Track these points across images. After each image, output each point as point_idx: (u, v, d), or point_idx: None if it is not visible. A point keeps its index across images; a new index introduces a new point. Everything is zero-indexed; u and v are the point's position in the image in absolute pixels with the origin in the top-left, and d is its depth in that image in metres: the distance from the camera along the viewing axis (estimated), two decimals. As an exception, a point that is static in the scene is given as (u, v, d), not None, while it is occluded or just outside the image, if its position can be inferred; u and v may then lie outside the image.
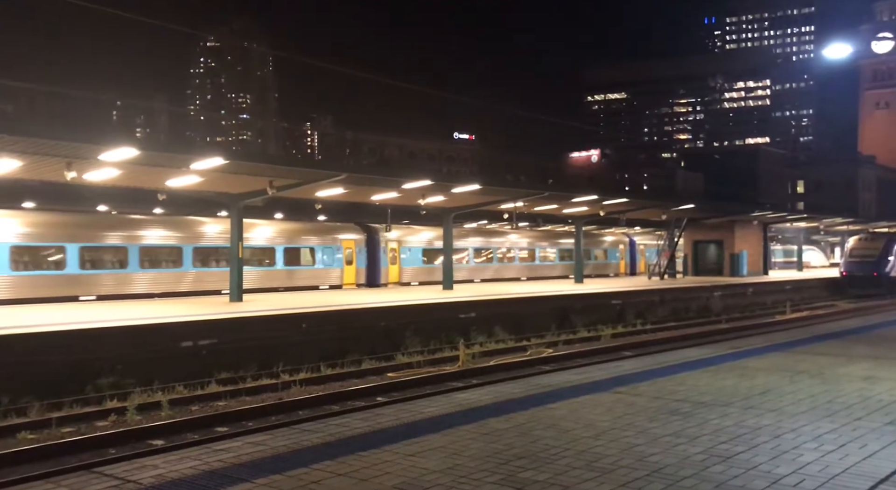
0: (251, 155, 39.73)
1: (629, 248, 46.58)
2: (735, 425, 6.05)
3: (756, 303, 33.28)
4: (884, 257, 39.24)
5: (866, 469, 4.81)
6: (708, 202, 42.64)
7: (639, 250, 47.24)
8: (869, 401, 7.06)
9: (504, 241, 38.54)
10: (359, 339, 17.86)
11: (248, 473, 4.81)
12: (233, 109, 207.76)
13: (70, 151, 15.29)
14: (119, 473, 4.86)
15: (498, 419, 6.37)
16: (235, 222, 21.78)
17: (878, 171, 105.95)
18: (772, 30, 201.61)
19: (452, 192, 24.51)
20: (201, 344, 15.17)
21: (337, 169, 21.08)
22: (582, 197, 28.76)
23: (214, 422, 11.45)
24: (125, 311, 17.68)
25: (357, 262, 30.13)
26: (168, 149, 19.37)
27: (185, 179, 19.05)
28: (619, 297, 27.15)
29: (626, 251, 46.16)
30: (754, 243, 41.99)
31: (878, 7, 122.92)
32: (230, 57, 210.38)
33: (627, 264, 46.15)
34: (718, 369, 9.15)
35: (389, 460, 5.08)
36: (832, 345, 11.66)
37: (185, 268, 24.78)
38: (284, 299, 21.84)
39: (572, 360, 17.03)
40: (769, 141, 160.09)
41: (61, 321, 14.94)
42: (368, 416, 6.63)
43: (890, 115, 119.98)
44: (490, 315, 21.63)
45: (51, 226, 22.09)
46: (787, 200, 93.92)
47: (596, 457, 5.13)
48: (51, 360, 13.01)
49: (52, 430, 10.92)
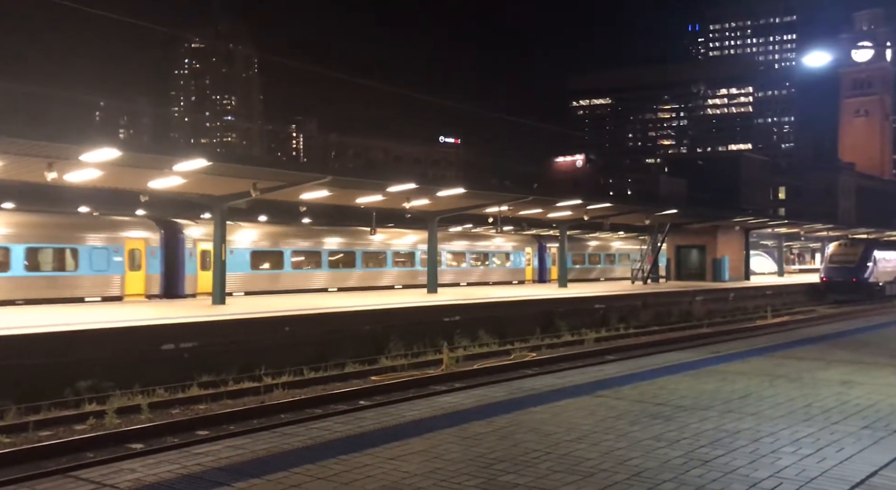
0: (235, 157, 39.57)
1: (538, 251, 41.42)
2: (715, 429, 6.10)
3: (737, 308, 33.57)
4: (863, 263, 39.74)
5: (843, 472, 4.86)
6: (690, 207, 42.91)
7: (550, 254, 41.87)
8: (846, 405, 7.14)
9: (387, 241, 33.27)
10: (341, 342, 17.79)
11: (227, 477, 4.78)
12: (217, 111, 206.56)
13: (51, 152, 15.13)
14: (96, 477, 4.81)
15: (480, 423, 6.37)
16: (219, 223, 21.64)
17: (858, 178, 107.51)
18: (754, 37, 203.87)
19: (437, 195, 24.53)
20: (183, 347, 15.04)
21: (322, 171, 21.03)
22: (566, 201, 28.91)
23: (195, 425, 11.35)
24: (107, 313, 17.50)
25: (148, 267, 24.09)
26: (151, 150, 19.28)
27: (168, 181, 18.92)
28: (603, 301, 27.28)
29: (534, 255, 41.04)
30: (736, 249, 42.38)
31: (858, 17, 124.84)
32: (215, 58, 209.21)
33: (535, 270, 41.00)
34: (699, 373, 9.22)
35: (370, 464, 5.07)
36: (811, 349, 11.78)
37: None
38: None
39: (555, 364, 17.07)
40: (751, 147, 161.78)
41: (42, 323, 14.75)
42: (350, 420, 6.60)
43: (869, 122, 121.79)
44: (474, 319, 21.64)
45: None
46: (768, 206, 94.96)
47: (577, 460, 5.14)
48: (29, 363, 12.83)
49: (30, 434, 10.78)
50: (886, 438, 5.79)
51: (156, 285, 24.31)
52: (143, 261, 24.06)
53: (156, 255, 24.39)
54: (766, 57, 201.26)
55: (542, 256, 41.66)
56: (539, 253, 41.59)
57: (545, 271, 41.84)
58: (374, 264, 32.17)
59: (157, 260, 24.36)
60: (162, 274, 24.51)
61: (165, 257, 24.70)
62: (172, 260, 24.98)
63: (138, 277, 23.92)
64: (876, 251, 40.85)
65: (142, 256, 24.04)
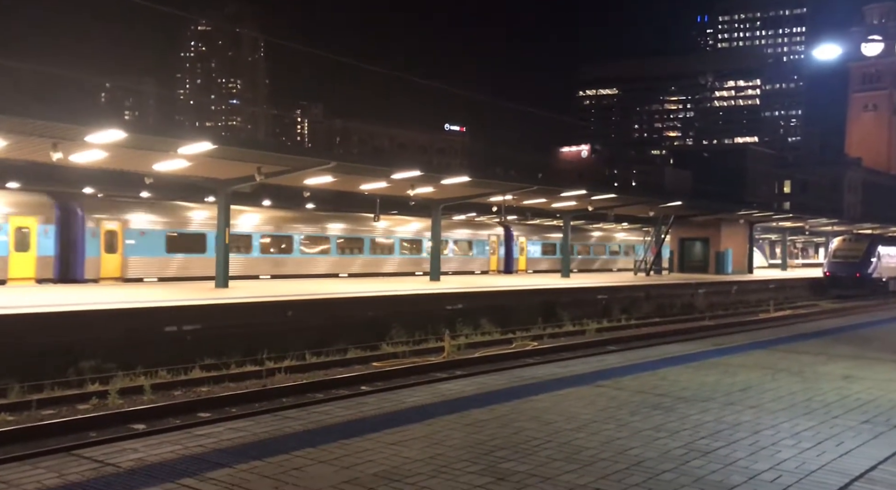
0: (240, 140, 39.57)
1: (504, 239, 38.73)
2: (715, 421, 6.11)
3: (740, 301, 33.54)
4: (867, 259, 39.64)
5: (842, 466, 4.87)
6: (695, 200, 42.78)
7: (518, 242, 39.50)
8: (847, 399, 7.15)
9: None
10: (344, 328, 17.84)
11: (228, 459, 4.80)
12: (223, 95, 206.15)
13: (56, 132, 15.11)
14: (98, 456, 4.84)
15: (481, 410, 6.39)
16: (223, 207, 21.64)
17: (864, 173, 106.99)
18: (763, 30, 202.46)
19: (442, 183, 24.49)
20: (185, 329, 15.09)
21: (326, 157, 21.00)
22: (571, 191, 28.84)
23: (197, 407, 11.41)
24: (113, 294, 17.55)
25: (39, 248, 21.91)
26: (156, 132, 19.25)
27: (173, 163, 18.90)
28: (605, 292, 27.29)
29: (499, 244, 38.46)
30: (740, 242, 42.30)
31: (869, 10, 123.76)
32: (221, 42, 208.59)
33: (501, 260, 38.52)
34: (701, 365, 9.23)
35: (371, 449, 5.09)
36: (813, 344, 11.78)
37: None
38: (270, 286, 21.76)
39: (557, 354, 17.10)
40: (758, 140, 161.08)
41: (47, 303, 14.81)
42: (352, 405, 6.63)
43: (877, 117, 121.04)
44: (476, 307, 21.67)
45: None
46: (773, 200, 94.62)
47: (577, 449, 5.16)
48: (32, 342, 12.89)
49: (32, 413, 10.85)
50: (886, 433, 5.79)
51: (49, 269, 22.18)
52: (34, 241, 21.87)
53: (49, 235, 22.25)
54: (774, 49, 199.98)
55: (508, 245, 38.70)
56: (506, 241, 38.59)
57: (512, 261, 38.83)
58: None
59: (51, 240, 22.27)
60: (56, 256, 22.45)
61: (61, 237, 22.60)
62: (70, 240, 22.81)
63: (26, 259, 21.77)
64: (880, 247, 40.73)
65: (31, 236, 21.86)
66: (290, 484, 4.30)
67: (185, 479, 4.36)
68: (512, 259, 38.98)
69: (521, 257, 39.28)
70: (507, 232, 38.75)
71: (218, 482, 4.32)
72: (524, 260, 39.75)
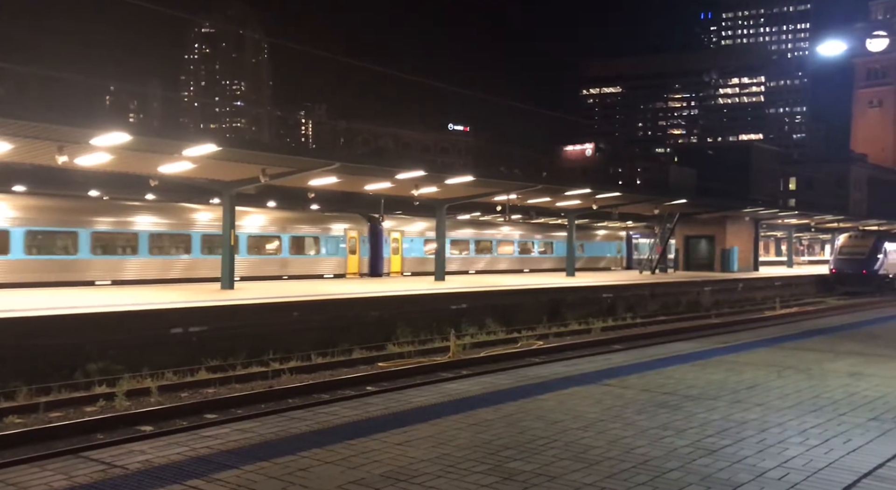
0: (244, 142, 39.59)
1: (369, 235, 31.18)
2: (722, 419, 6.09)
3: (746, 298, 33.46)
4: (873, 255, 39.49)
5: (850, 463, 4.85)
6: (700, 197, 42.61)
7: (389, 239, 31.96)
8: (854, 396, 7.12)
9: None
10: (349, 328, 17.86)
11: (235, 460, 4.82)
12: (227, 96, 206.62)
13: (61, 135, 15.16)
14: (106, 458, 4.86)
15: (487, 410, 6.39)
16: (228, 209, 21.69)
17: (870, 169, 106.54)
18: (767, 26, 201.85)
19: (446, 183, 24.49)
20: (192, 331, 15.13)
21: (330, 157, 21.01)
22: (575, 190, 28.80)
23: (203, 408, 11.44)
24: (119, 296, 17.61)
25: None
26: (161, 134, 19.27)
27: (178, 166, 18.95)
28: (611, 290, 27.25)
29: (361, 241, 30.60)
30: (745, 239, 42.17)
31: (874, 6, 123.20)
32: (225, 43, 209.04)
33: (362, 261, 30.79)
34: (707, 363, 9.21)
35: (378, 449, 5.09)
36: (820, 341, 11.74)
37: None
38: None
39: (562, 353, 17.08)
40: (762, 137, 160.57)
41: (54, 306, 14.87)
42: (358, 405, 6.63)
43: (882, 113, 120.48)
44: (481, 306, 21.66)
45: None
46: (778, 197, 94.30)
47: (583, 448, 5.15)
48: (40, 345, 12.95)
49: (40, 415, 10.89)
50: (894, 430, 5.77)
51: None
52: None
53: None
54: (778, 46, 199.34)
55: (375, 242, 31.29)
56: (371, 238, 31.23)
57: (380, 261, 31.27)
58: None
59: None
60: None
61: None
62: None
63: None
64: (886, 243, 40.56)
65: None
66: (297, 485, 4.31)
67: (193, 481, 4.38)
68: (380, 259, 31.48)
69: (394, 257, 32.22)
70: (372, 226, 31.46)
71: (225, 483, 4.33)
72: (399, 260, 32.44)
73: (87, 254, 22.65)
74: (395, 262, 32.42)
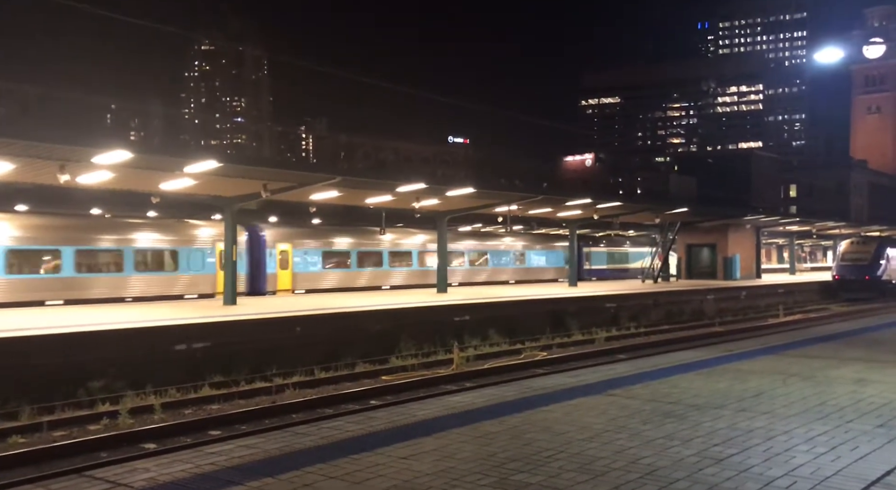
0: (245, 158, 39.62)
1: (248, 247, 26.57)
2: (728, 428, 6.06)
3: (749, 306, 33.37)
4: (875, 261, 39.42)
5: (858, 471, 4.82)
6: (701, 206, 42.61)
7: (276, 252, 27.65)
8: (860, 403, 7.09)
9: None
10: (352, 342, 17.82)
11: (240, 476, 4.79)
12: (227, 113, 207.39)
13: (63, 154, 15.23)
14: (110, 477, 4.84)
15: (491, 422, 6.36)
16: (230, 225, 21.72)
17: (870, 175, 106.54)
18: (764, 34, 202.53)
19: (447, 195, 24.53)
20: (195, 347, 15.11)
21: (331, 172, 21.08)
22: (576, 200, 28.83)
23: (208, 425, 11.41)
24: (120, 314, 17.60)
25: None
26: (162, 151, 19.38)
27: (179, 182, 19.00)
28: (613, 300, 27.20)
29: (239, 254, 23.87)
30: (747, 247, 42.14)
31: (869, 13, 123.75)
32: (225, 60, 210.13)
33: (242, 277, 24.95)
34: (712, 372, 9.17)
35: (382, 463, 5.07)
36: (824, 348, 11.70)
37: None
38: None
39: (566, 363, 17.03)
40: (762, 145, 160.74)
41: (55, 324, 14.86)
42: (361, 419, 6.61)
43: (881, 119, 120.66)
44: (483, 318, 21.62)
45: None
46: (779, 204, 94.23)
47: (589, 459, 5.13)
48: (43, 364, 12.92)
49: (44, 434, 10.86)
50: (902, 437, 5.74)
51: None
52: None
53: None
54: (776, 54, 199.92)
55: (256, 255, 26.84)
56: (251, 250, 26.66)
57: (262, 278, 26.82)
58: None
59: None
60: None
61: None
62: None
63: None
64: (889, 249, 40.49)
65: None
66: (301, 500, 4.29)
67: (197, 498, 4.36)
68: (262, 275, 27.00)
69: (282, 272, 27.73)
70: (252, 233, 26.94)
71: (230, 500, 4.31)
72: (289, 276, 27.85)
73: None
74: (285, 278, 27.90)
